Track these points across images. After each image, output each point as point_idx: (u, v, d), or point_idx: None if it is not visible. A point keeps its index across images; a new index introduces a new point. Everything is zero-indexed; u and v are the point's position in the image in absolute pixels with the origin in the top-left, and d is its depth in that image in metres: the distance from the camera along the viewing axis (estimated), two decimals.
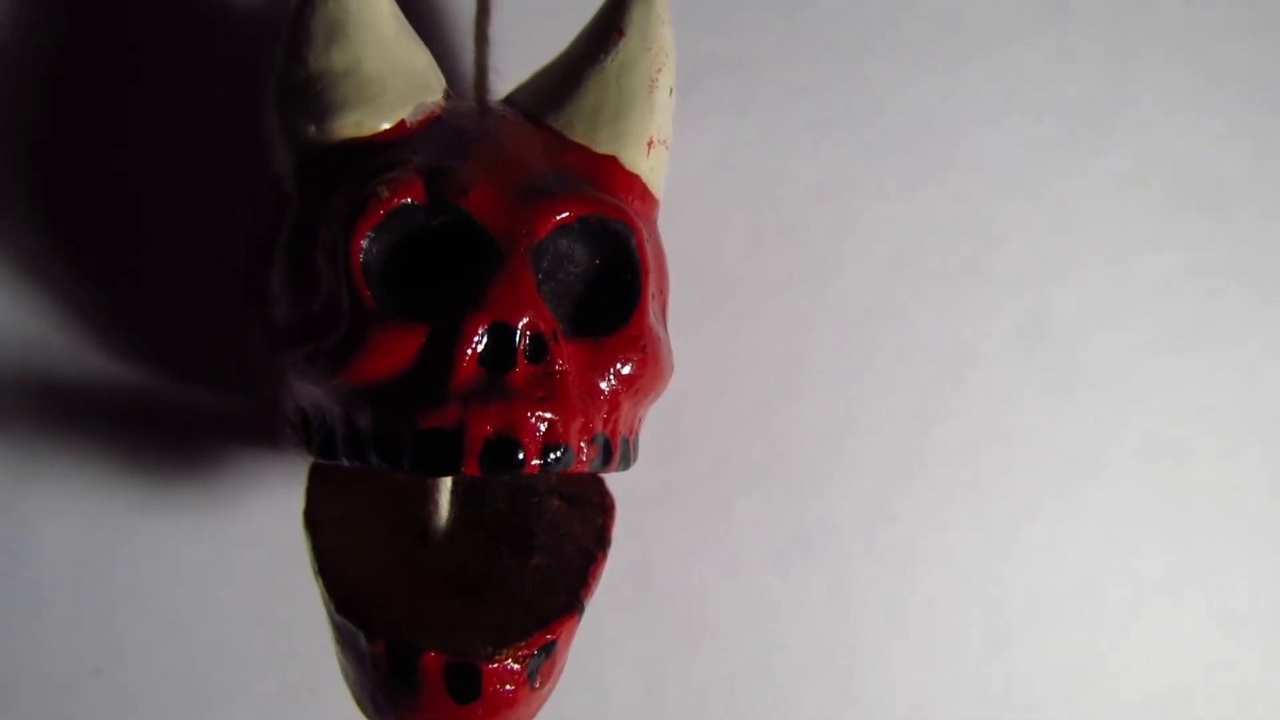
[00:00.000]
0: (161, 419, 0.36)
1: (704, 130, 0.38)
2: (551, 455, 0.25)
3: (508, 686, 0.25)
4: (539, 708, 0.26)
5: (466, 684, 0.25)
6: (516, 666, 0.26)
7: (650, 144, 0.29)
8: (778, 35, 0.39)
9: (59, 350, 0.36)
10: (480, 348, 0.25)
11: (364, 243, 0.25)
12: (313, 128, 0.27)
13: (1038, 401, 0.40)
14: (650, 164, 0.29)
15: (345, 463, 0.26)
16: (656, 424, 0.36)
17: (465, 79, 0.35)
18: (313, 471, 0.30)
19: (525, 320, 0.25)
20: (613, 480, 0.32)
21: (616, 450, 0.27)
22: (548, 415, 0.24)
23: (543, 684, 0.26)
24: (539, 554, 0.30)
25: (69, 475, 0.36)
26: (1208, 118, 0.41)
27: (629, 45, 0.29)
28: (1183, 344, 0.41)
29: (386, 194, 0.25)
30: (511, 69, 0.33)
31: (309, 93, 0.27)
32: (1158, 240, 0.40)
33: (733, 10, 0.39)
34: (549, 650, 0.26)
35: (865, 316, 0.40)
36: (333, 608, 0.26)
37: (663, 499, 0.39)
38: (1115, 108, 0.40)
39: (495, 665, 0.25)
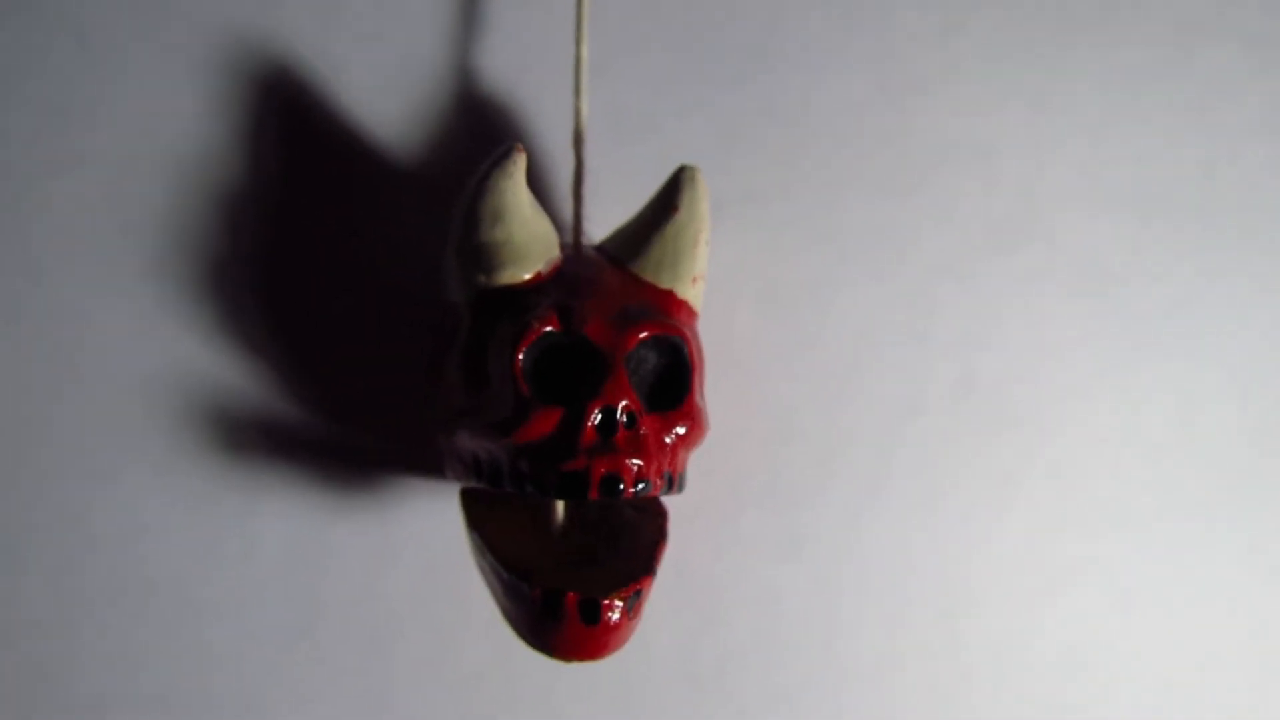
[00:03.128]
0: (353, 455, 0.42)
1: (724, 246, 0.43)
2: (639, 486, 0.33)
3: (615, 616, 0.33)
4: (632, 633, 0.34)
5: (591, 613, 0.33)
6: (620, 604, 0.33)
7: (695, 280, 0.37)
8: (775, 177, 0.43)
9: (286, 411, 0.42)
10: (596, 422, 0.33)
11: (521, 356, 0.33)
12: (482, 278, 0.35)
13: (969, 437, 0.44)
14: (694, 292, 0.37)
15: (508, 489, 0.34)
16: (709, 472, 0.42)
17: (566, 223, 0.41)
18: (464, 495, 0.37)
19: (623, 404, 0.33)
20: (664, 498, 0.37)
21: (676, 482, 0.35)
22: (637, 463, 0.33)
23: (634, 617, 0.34)
24: (623, 542, 0.37)
25: (287, 492, 0.42)
26: (1098, 224, 0.44)
27: (680, 217, 0.36)
28: (1081, 392, 0.44)
29: (536, 325, 0.33)
30: (601, 216, 0.40)
31: (479, 256, 0.35)
32: (1059, 316, 0.44)
33: (743, 160, 0.43)
34: (637, 595, 0.33)
35: (841, 377, 0.44)
36: (503, 570, 0.34)
37: (694, 512, 0.43)
38: (1027, 219, 0.44)
39: (608, 602, 0.33)
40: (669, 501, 0.38)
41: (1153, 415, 0.45)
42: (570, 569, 0.35)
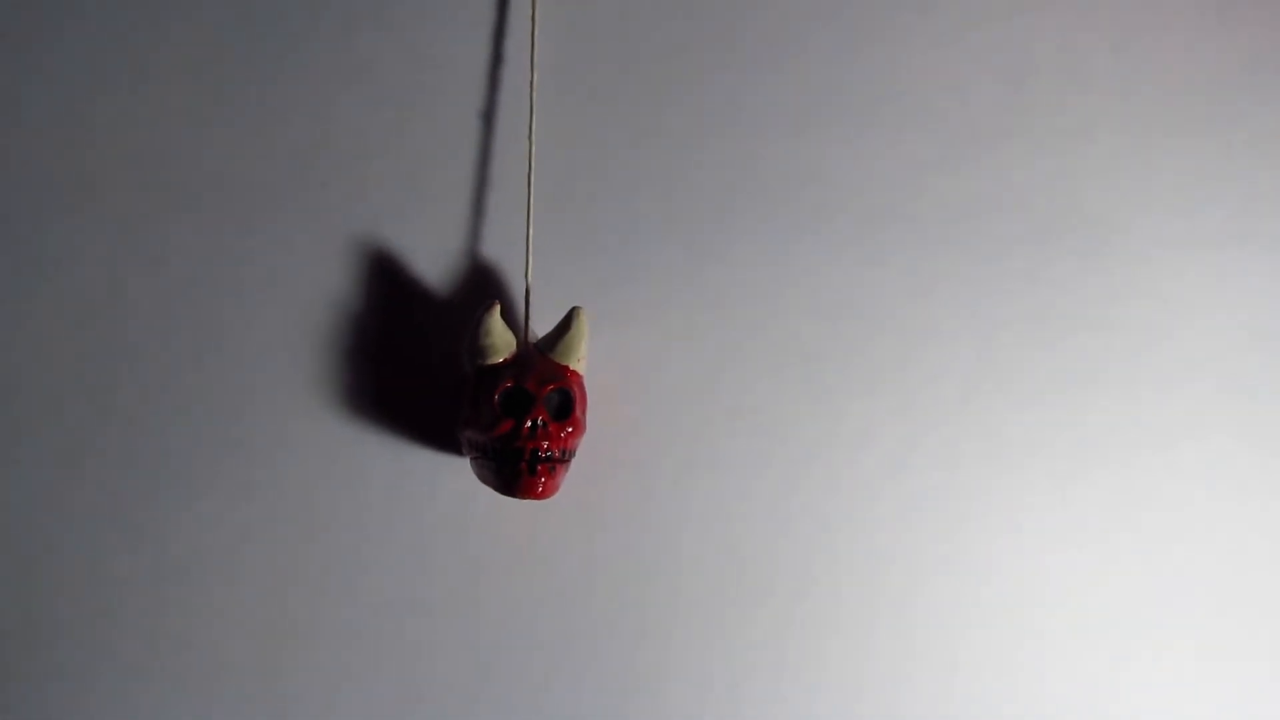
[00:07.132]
0: (421, 441, 0.76)
1: (623, 335, 0.75)
2: (549, 454, 0.69)
3: (544, 478, 0.69)
4: (557, 489, 0.69)
5: (533, 468, 0.68)
6: (549, 468, 0.69)
7: (580, 360, 0.72)
8: (631, 303, 0.76)
9: (391, 422, 0.76)
10: (528, 426, 0.69)
11: (497, 397, 0.70)
12: (479, 361, 0.71)
13: (754, 431, 0.79)
14: (580, 366, 0.72)
15: (490, 458, 0.70)
16: (599, 455, 0.77)
17: (520, 325, 0.76)
18: (471, 460, 0.74)
19: (541, 419, 0.70)
20: (581, 463, 0.73)
21: (569, 454, 0.71)
22: (547, 444, 0.69)
23: (555, 476, 0.68)
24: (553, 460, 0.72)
25: (390, 458, 0.76)
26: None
27: (571, 332, 0.70)
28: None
29: (502, 383, 0.70)
30: (542, 319, 0.74)
31: (478, 351, 0.71)
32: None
33: (618, 295, 0.76)
34: (553, 468, 0.68)
35: (675, 402, 0.77)
36: (489, 460, 0.69)
37: (599, 477, 0.76)
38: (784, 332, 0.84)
39: (540, 466, 0.68)
40: (581, 470, 0.76)
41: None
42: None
